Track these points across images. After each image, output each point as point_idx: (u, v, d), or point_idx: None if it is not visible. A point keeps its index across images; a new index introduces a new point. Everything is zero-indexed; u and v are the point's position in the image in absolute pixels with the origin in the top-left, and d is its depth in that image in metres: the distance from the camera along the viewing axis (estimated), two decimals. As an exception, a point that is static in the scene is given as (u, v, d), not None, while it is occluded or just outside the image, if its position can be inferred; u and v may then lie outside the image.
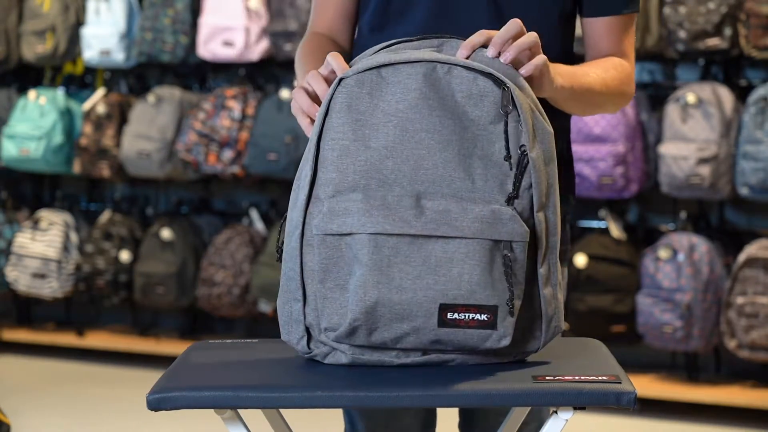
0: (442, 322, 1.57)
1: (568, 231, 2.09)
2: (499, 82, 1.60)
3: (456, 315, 1.57)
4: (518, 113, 1.60)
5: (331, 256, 1.60)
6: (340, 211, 1.58)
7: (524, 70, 1.66)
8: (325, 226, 1.59)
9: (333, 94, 1.61)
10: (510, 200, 1.59)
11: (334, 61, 1.68)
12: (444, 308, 1.57)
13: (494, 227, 1.57)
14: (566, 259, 2.08)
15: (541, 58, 1.68)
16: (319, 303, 1.61)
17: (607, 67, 1.91)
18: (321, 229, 1.59)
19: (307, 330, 1.64)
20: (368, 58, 1.66)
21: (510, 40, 1.66)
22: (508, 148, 1.59)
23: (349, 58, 1.99)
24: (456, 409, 2.11)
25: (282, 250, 1.67)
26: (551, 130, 1.63)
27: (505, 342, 1.59)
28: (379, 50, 1.69)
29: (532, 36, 1.66)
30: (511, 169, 1.59)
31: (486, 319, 1.57)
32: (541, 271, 1.63)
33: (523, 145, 1.60)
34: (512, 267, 1.57)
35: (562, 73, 1.77)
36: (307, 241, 1.62)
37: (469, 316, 1.57)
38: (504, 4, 1.90)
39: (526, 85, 1.66)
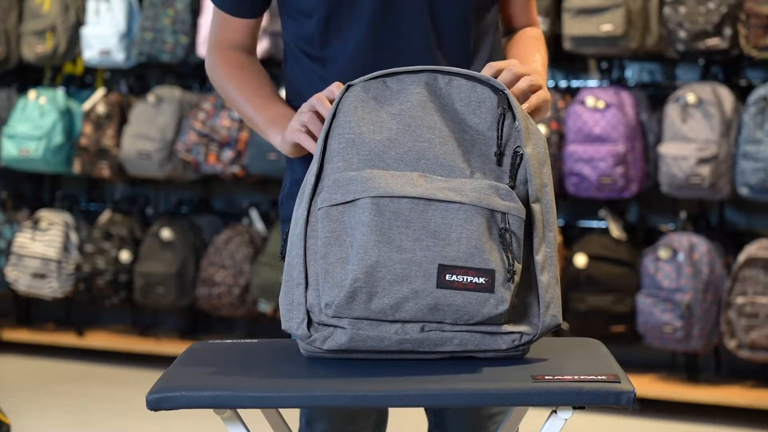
0: (441, 284, 1.61)
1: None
2: (496, 89, 1.71)
3: (454, 277, 1.61)
4: (513, 115, 1.69)
5: (334, 229, 1.64)
6: (344, 181, 1.65)
7: (527, 105, 1.78)
8: (330, 197, 1.65)
9: (341, 97, 1.72)
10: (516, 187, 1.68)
11: (339, 90, 1.76)
12: (443, 269, 1.61)
13: (492, 198, 1.63)
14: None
15: (543, 94, 1.81)
16: (321, 280, 1.64)
17: (538, 45, 2.05)
18: (326, 201, 1.65)
19: (308, 313, 1.66)
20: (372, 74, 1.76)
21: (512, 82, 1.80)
22: (499, 145, 1.68)
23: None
24: (418, 416, 2.10)
25: (285, 251, 1.73)
26: (544, 135, 1.72)
27: (503, 308, 1.61)
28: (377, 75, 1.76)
29: (527, 80, 1.79)
30: (499, 165, 1.68)
31: (484, 282, 1.60)
32: (538, 258, 1.67)
33: (518, 145, 1.68)
34: (509, 239, 1.62)
35: (536, 70, 1.88)
36: (312, 226, 1.68)
37: (467, 278, 1.61)
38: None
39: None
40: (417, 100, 1.70)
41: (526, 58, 1.98)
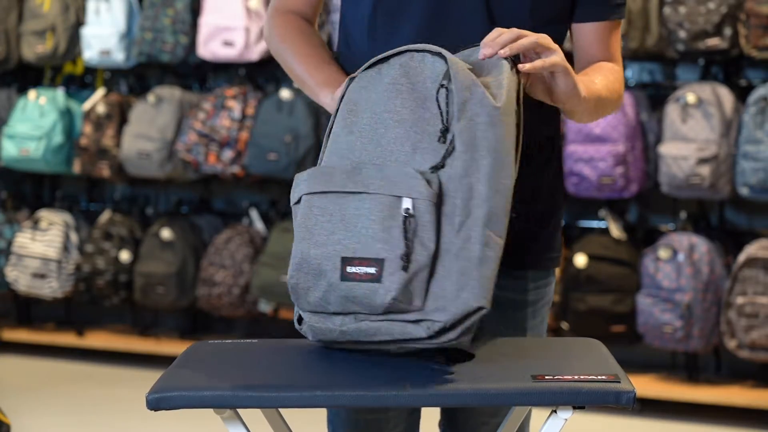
0: (344, 276, 1.63)
1: (560, 237, 2.05)
2: (445, 59, 1.68)
3: (354, 268, 1.63)
4: (450, 86, 1.65)
5: (293, 227, 1.72)
6: (299, 181, 1.72)
7: (533, 65, 1.70)
8: (291, 198, 1.72)
9: (343, 93, 1.76)
10: (435, 168, 1.64)
11: None
12: (345, 261, 1.64)
13: (396, 184, 1.63)
14: (556, 265, 2.04)
15: (552, 58, 1.72)
16: None
17: (606, 74, 1.93)
18: (292, 202, 1.73)
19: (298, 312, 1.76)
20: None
21: (508, 43, 1.71)
22: (443, 120, 1.65)
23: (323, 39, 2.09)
24: (437, 409, 2.10)
25: None
26: (497, 104, 1.64)
27: (390, 296, 1.59)
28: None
29: (533, 37, 1.70)
30: (443, 142, 1.64)
31: (374, 272, 1.61)
32: (456, 240, 1.60)
33: (446, 127, 1.65)
34: (411, 223, 1.61)
35: (583, 80, 1.81)
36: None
37: (362, 269, 1.62)
38: (497, 10, 1.90)
39: (508, 77, 1.68)
40: (386, 84, 1.70)
41: (585, 76, 1.88)
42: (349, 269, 1.62)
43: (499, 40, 1.70)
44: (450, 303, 1.59)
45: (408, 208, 1.61)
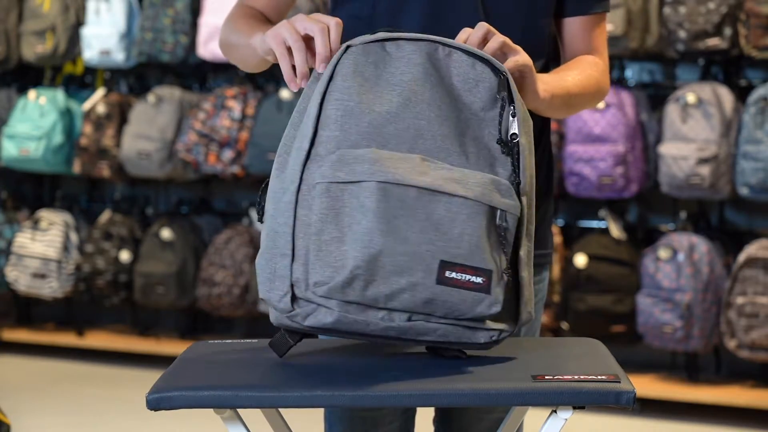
0: (441, 280, 1.58)
1: (551, 234, 2.09)
2: (496, 70, 1.65)
3: (454, 274, 1.58)
4: (513, 101, 1.65)
5: (332, 206, 1.58)
6: (350, 159, 1.59)
7: (510, 66, 1.70)
8: (332, 174, 1.59)
9: (339, 58, 1.64)
10: (514, 183, 1.64)
11: (330, 18, 1.70)
12: (444, 265, 1.58)
13: (494, 195, 1.60)
14: (549, 262, 2.06)
15: (522, 58, 1.73)
16: (312, 256, 1.58)
17: (585, 67, 1.95)
18: (327, 176, 1.59)
19: (292, 287, 1.60)
20: (369, 35, 1.69)
21: (481, 40, 1.71)
22: (500, 131, 1.64)
23: None
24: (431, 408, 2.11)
25: (263, 210, 1.66)
26: (531, 121, 1.68)
27: (496, 309, 1.59)
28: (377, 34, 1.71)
29: (500, 38, 1.71)
30: (503, 153, 1.64)
31: (482, 282, 1.58)
32: (522, 254, 1.65)
33: (515, 133, 1.64)
34: (506, 237, 1.60)
35: (546, 81, 1.82)
36: (304, 196, 1.61)
37: (466, 276, 1.58)
38: (492, 9, 1.91)
39: None
40: (418, 73, 1.64)
41: (559, 72, 1.90)
42: (449, 274, 1.58)
43: (469, 42, 1.70)
44: (517, 315, 1.65)
45: (503, 223, 1.61)
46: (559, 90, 1.85)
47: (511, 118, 1.64)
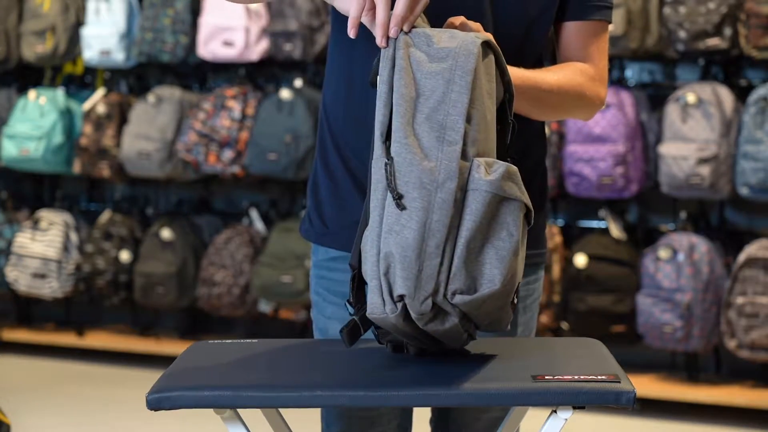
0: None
1: (545, 236, 2.09)
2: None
3: None
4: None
5: (487, 216, 1.58)
6: (514, 174, 1.61)
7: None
8: (498, 186, 1.59)
9: (395, 47, 1.64)
10: None
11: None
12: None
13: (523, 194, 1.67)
14: (543, 261, 2.07)
15: (476, 24, 1.75)
16: (457, 262, 1.56)
17: (566, 71, 1.93)
18: (494, 188, 1.58)
19: (434, 292, 1.57)
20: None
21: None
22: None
23: None
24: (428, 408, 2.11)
25: (401, 195, 1.58)
26: None
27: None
28: None
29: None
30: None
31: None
32: None
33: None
34: None
35: (522, 71, 1.82)
36: (458, 196, 1.58)
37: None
38: (497, 10, 1.91)
39: None
40: (469, 77, 1.64)
41: (531, 71, 1.89)
42: None
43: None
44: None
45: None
46: (519, 80, 1.81)
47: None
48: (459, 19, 1.75)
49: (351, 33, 1.68)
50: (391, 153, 1.59)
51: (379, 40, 1.65)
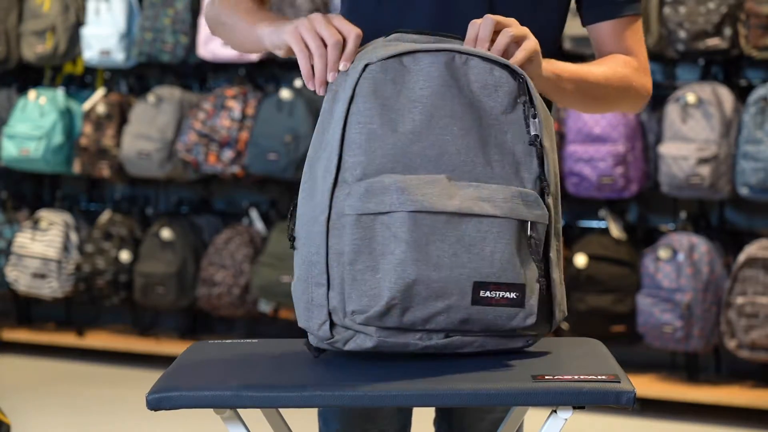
0: (475, 300, 1.60)
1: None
2: (514, 74, 1.65)
3: (488, 293, 1.61)
4: (533, 104, 1.65)
5: (364, 236, 1.60)
6: (378, 190, 1.60)
7: (515, 59, 1.69)
8: (361, 205, 1.60)
9: (358, 80, 1.63)
10: (535, 186, 1.65)
11: (351, 28, 1.69)
12: (477, 286, 1.60)
13: (521, 208, 1.62)
14: None
15: (531, 42, 1.71)
16: (347, 286, 1.60)
17: (610, 63, 1.94)
18: (356, 209, 1.60)
19: (330, 315, 1.62)
20: (385, 46, 1.68)
21: (490, 36, 1.70)
22: (529, 133, 1.65)
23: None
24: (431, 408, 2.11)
25: (294, 238, 1.68)
26: (552, 121, 1.70)
27: (531, 320, 1.63)
28: (391, 38, 1.71)
29: (509, 32, 1.69)
30: (528, 155, 1.65)
31: (515, 297, 1.62)
32: (551, 255, 1.68)
33: (537, 135, 1.65)
34: (537, 247, 1.64)
35: (552, 62, 1.80)
36: (334, 224, 1.61)
37: (499, 294, 1.61)
38: (499, 3, 1.90)
39: None
40: (437, 85, 1.63)
41: (581, 65, 1.89)
42: (483, 293, 1.60)
43: (479, 41, 1.69)
44: (550, 315, 1.70)
45: (534, 234, 1.64)
46: (568, 74, 1.83)
47: (532, 119, 1.65)
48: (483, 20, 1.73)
49: (320, 91, 1.71)
50: (297, 198, 1.70)
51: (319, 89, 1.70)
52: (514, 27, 1.70)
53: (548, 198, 1.65)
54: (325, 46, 1.68)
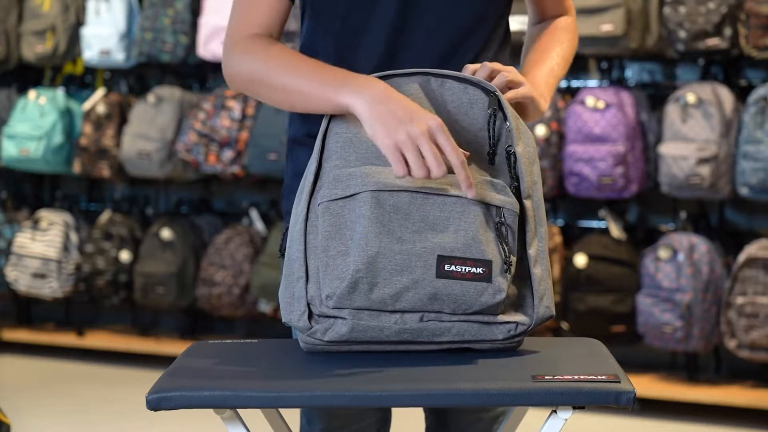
0: (440, 273, 1.64)
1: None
2: (487, 91, 1.74)
3: (453, 267, 1.65)
4: (504, 115, 1.73)
5: (334, 223, 1.67)
6: (344, 177, 1.68)
7: (506, 96, 1.77)
8: (329, 192, 1.68)
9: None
10: (511, 186, 1.71)
11: (457, 153, 1.68)
12: (441, 260, 1.65)
13: (488, 192, 1.67)
14: None
15: (524, 90, 1.80)
16: (321, 273, 1.67)
17: (561, 38, 2.01)
18: (326, 196, 1.68)
19: (308, 306, 1.68)
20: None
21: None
22: (491, 144, 1.72)
23: None
24: (420, 415, 2.11)
25: (284, 248, 1.75)
26: (532, 135, 1.77)
27: (500, 297, 1.65)
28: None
29: (505, 76, 1.78)
30: (491, 163, 1.72)
31: (482, 272, 1.65)
32: (531, 252, 1.71)
33: (510, 145, 1.72)
34: (505, 232, 1.67)
35: (544, 94, 1.88)
36: (311, 221, 1.70)
37: (465, 268, 1.65)
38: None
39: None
40: (413, 99, 1.72)
41: (540, 62, 1.94)
42: (448, 267, 1.64)
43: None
44: (532, 310, 1.71)
45: (501, 219, 1.67)
46: (553, 88, 1.92)
47: (506, 131, 1.72)
48: (475, 67, 1.81)
49: (470, 194, 1.68)
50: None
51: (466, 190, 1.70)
52: (512, 74, 1.79)
53: (525, 199, 1.71)
54: (427, 168, 1.67)
